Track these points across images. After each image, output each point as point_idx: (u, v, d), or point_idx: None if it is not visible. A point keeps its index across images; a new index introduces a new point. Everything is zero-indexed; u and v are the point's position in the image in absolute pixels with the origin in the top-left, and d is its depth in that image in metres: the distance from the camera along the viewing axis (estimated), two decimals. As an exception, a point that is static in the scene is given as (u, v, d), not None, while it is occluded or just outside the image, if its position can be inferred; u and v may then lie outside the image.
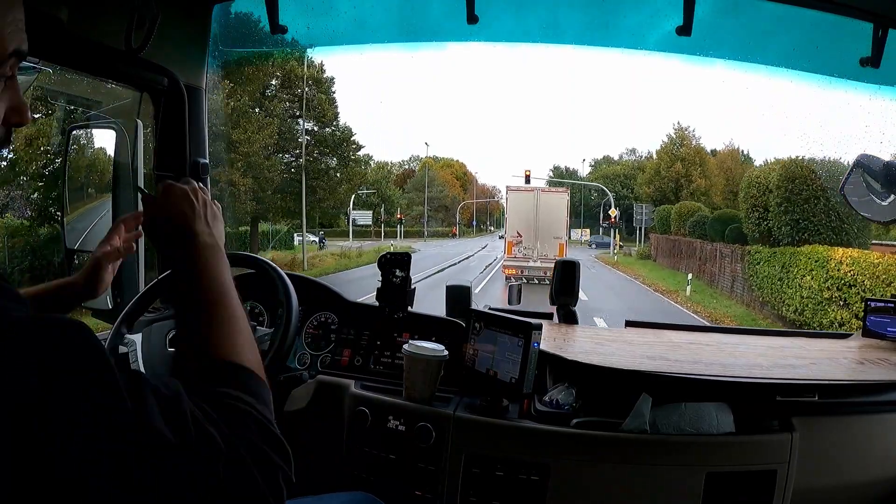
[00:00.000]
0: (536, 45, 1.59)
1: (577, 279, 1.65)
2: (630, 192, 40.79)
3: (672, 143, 37.28)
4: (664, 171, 35.81)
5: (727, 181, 32.53)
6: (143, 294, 1.27)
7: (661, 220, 23.87)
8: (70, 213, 1.63)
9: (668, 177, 35.35)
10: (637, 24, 1.51)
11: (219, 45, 1.65)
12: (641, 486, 1.12)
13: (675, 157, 35.88)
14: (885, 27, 1.27)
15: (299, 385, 1.28)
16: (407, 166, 50.63)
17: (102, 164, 1.59)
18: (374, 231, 37.03)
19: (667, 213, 23.25)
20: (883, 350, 1.45)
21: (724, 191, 31.81)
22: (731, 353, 1.38)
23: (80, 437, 0.42)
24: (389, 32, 1.64)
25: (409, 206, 45.84)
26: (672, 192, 34.56)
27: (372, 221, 35.70)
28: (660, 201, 31.56)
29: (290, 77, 20.01)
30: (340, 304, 1.48)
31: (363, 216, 34.75)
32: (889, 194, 1.31)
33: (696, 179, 34.56)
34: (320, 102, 20.72)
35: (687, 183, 34.70)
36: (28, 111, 0.56)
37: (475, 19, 1.37)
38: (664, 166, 36.10)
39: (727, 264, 14.14)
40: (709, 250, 15.97)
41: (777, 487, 1.12)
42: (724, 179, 33.24)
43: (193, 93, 1.56)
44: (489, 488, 1.14)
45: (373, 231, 37.64)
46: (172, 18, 1.45)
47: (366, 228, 37.40)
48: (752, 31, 1.49)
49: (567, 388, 1.20)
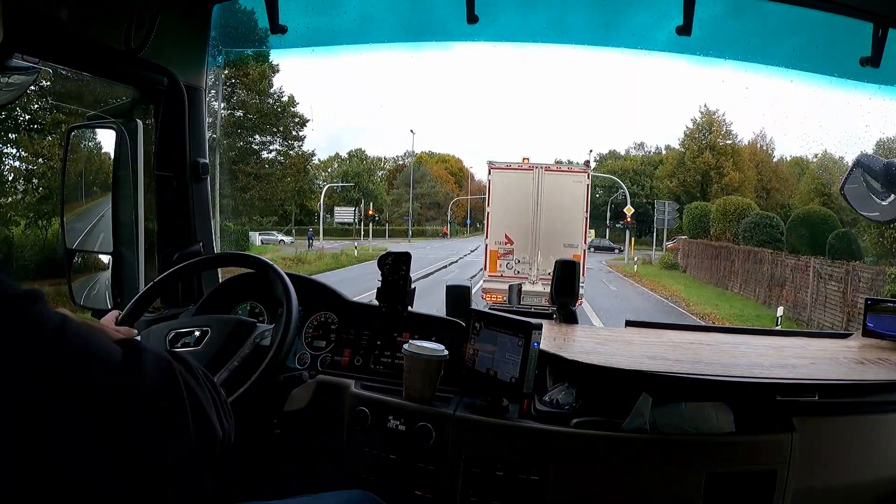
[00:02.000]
0: (540, 44, 1.59)
1: (577, 279, 1.64)
2: (641, 188, 35.44)
3: (698, 129, 31.36)
4: (689, 162, 30.27)
5: (759, 176, 28.29)
6: (143, 294, 1.27)
7: (692, 221, 19.16)
8: (69, 212, 1.63)
9: (695, 168, 29.90)
10: (639, 24, 1.52)
11: (219, 45, 1.65)
12: (642, 486, 1.11)
13: (702, 145, 30.45)
14: (885, 27, 1.28)
15: (299, 385, 1.28)
16: (401, 161, 46.35)
17: (105, 163, 1.59)
18: (356, 230, 32.53)
19: (701, 211, 18.84)
20: (883, 350, 1.45)
21: (756, 187, 27.65)
22: (731, 353, 1.38)
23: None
24: (390, 32, 1.64)
25: (397, 203, 42.25)
26: (698, 186, 29.67)
27: (353, 219, 31.97)
28: (683, 197, 27.36)
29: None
30: (340, 304, 1.48)
31: (346, 213, 32.04)
32: (889, 194, 1.31)
33: (728, 172, 29.08)
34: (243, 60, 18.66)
35: (717, 176, 29.52)
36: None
37: (475, 19, 1.37)
38: (689, 156, 30.44)
39: (835, 289, 8.28)
40: (792, 265, 10.20)
41: (777, 487, 1.12)
42: (756, 174, 28.97)
43: (193, 93, 1.56)
44: (489, 488, 1.14)
45: (354, 230, 33.26)
46: (172, 18, 1.45)
47: (348, 227, 34.13)
48: (753, 31, 1.49)
49: (567, 388, 1.20)
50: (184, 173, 1.59)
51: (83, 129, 1.69)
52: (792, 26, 1.43)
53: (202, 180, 1.64)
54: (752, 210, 15.23)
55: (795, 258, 10.36)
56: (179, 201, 1.61)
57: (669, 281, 15.85)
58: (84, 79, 1.46)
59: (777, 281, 10.62)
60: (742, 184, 28.21)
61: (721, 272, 14.19)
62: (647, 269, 20.36)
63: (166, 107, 1.53)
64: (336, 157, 43.39)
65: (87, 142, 1.71)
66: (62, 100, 6.30)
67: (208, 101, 1.59)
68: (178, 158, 1.58)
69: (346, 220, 32.80)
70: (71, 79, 1.59)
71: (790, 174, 29.54)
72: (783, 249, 10.98)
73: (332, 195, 36.46)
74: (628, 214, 21.58)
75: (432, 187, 45.04)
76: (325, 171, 40.86)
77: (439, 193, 44.86)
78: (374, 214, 32.32)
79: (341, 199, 36.02)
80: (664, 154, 36.31)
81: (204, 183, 1.65)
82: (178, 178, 1.59)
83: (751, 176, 28.71)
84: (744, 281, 12.18)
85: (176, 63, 1.50)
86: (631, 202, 22.26)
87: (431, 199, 44.79)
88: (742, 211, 15.39)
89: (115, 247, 1.49)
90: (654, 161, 37.97)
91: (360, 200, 35.19)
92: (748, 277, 11.97)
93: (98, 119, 1.64)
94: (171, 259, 1.58)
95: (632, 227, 23.18)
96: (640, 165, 38.63)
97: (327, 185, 34.75)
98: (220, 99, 16.62)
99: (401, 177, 43.70)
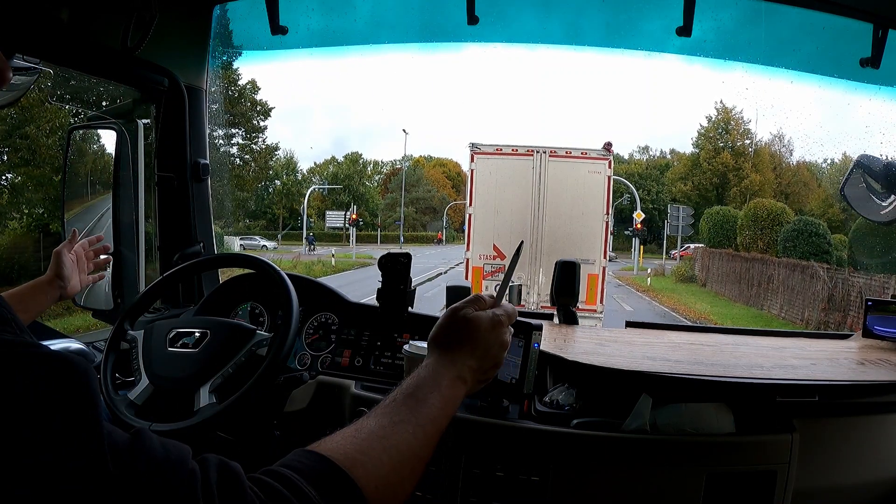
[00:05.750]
0: (545, 47, 1.59)
1: (577, 279, 1.64)
2: (647, 193, 33.30)
3: (714, 127, 28.71)
4: (705, 164, 27.76)
5: (777, 179, 26.10)
6: (145, 293, 1.27)
7: (713, 227, 16.80)
8: (70, 212, 1.63)
9: (712, 170, 27.45)
10: (645, 27, 1.52)
11: (219, 45, 1.65)
12: (641, 487, 1.11)
13: (719, 146, 27.85)
14: (885, 27, 1.28)
15: (299, 386, 1.28)
16: (399, 165, 45.12)
17: (105, 163, 1.59)
18: (347, 235, 31.43)
19: (723, 216, 16.57)
20: (883, 350, 1.45)
21: (775, 190, 25.37)
22: (731, 354, 1.38)
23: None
24: (392, 33, 1.64)
25: (391, 208, 41.42)
26: (714, 190, 27.44)
27: (343, 224, 30.91)
28: (697, 202, 25.15)
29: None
30: (341, 305, 1.48)
31: (337, 217, 31.24)
32: (889, 195, 1.31)
33: (748, 174, 26.77)
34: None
35: (736, 179, 27.06)
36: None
37: (475, 20, 1.38)
38: (705, 157, 27.91)
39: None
40: (861, 286, 7.37)
41: (777, 488, 1.11)
42: (775, 176, 26.84)
43: (194, 93, 1.57)
44: (489, 488, 1.13)
45: (344, 235, 32.59)
46: (173, 19, 1.45)
47: (338, 231, 33.44)
48: (758, 35, 1.49)
49: (567, 389, 1.20)
50: (184, 173, 1.59)
51: (84, 130, 1.70)
52: (793, 28, 1.44)
53: (202, 180, 1.64)
54: (787, 216, 12.95)
55: (867, 276, 7.68)
56: (180, 201, 1.61)
57: (690, 298, 13.23)
58: (83, 78, 1.46)
59: (837, 304, 7.90)
60: (762, 187, 26.11)
61: (753, 288, 11.46)
62: (661, 281, 17.76)
63: (167, 107, 1.53)
64: (332, 160, 43.09)
65: (89, 143, 1.71)
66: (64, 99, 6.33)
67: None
68: (179, 159, 1.58)
69: (336, 224, 32.08)
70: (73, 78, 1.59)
71: (811, 177, 27.78)
72: (831, 263, 8.80)
73: (324, 199, 35.91)
74: (637, 220, 18.98)
75: (428, 191, 44.16)
76: (320, 175, 40.46)
77: (435, 198, 44.06)
78: (359, 219, 30.52)
79: (332, 203, 35.48)
80: (669, 158, 35.07)
81: (204, 183, 1.66)
82: (178, 178, 1.59)
83: (770, 178, 26.83)
84: (787, 301, 9.37)
85: (176, 63, 1.50)
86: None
87: (427, 203, 43.98)
88: (776, 216, 13.07)
89: (115, 247, 1.49)
90: (660, 165, 36.88)
91: (349, 204, 34.50)
92: (793, 297, 9.21)
93: (99, 119, 1.64)
94: (172, 259, 1.58)
95: (641, 235, 20.62)
96: (645, 169, 37.37)
97: (311, 188, 34.02)
98: (220, 100, 16.35)
99: (395, 180, 42.49)
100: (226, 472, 0.47)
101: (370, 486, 0.54)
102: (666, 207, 25.65)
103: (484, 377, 0.78)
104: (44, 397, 0.39)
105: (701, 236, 18.32)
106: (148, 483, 0.42)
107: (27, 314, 1.16)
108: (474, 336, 0.75)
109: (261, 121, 20.08)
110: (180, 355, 1.12)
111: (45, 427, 0.39)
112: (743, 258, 12.78)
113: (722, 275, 14.04)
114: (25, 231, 11.19)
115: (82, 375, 0.42)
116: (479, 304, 0.79)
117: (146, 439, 0.45)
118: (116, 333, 1.19)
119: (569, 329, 1.59)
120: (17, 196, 11.79)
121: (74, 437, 0.40)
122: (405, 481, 0.59)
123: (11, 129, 11.58)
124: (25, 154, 11.40)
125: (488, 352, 0.76)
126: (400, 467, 0.59)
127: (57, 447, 0.39)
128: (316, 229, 33.28)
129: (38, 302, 1.20)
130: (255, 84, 19.93)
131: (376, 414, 0.63)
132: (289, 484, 0.50)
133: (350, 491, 0.53)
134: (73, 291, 1.26)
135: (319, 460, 0.54)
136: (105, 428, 0.42)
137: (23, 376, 0.39)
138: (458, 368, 0.72)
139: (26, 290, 1.19)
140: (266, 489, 0.49)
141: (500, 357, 0.79)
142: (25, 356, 0.41)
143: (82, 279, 1.29)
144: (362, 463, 0.55)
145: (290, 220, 32.79)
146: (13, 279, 8.26)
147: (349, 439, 0.58)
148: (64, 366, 0.41)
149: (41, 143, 11.18)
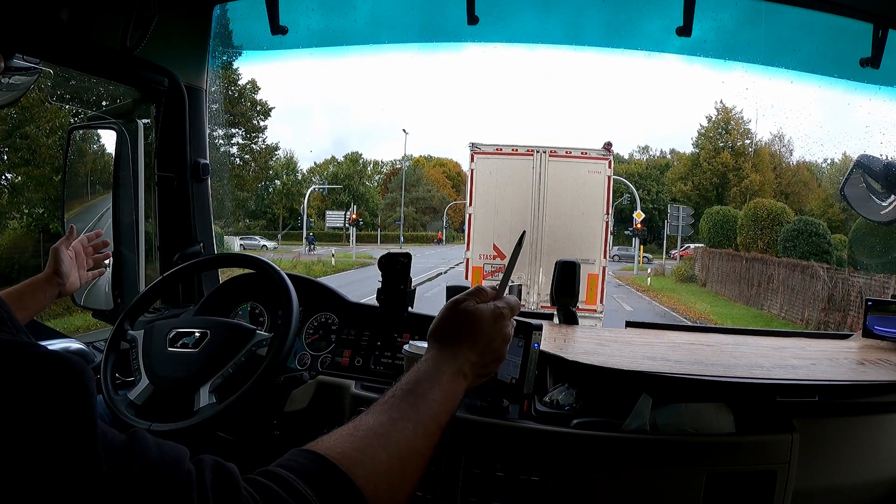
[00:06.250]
0: (546, 47, 1.59)
1: (577, 279, 1.64)
2: (647, 193, 33.30)
3: (714, 127, 28.69)
4: (705, 164, 27.74)
5: (777, 179, 26.07)
6: (145, 293, 1.27)
7: (713, 227, 16.83)
8: (69, 211, 1.63)
9: (712, 170, 27.47)
10: (645, 27, 1.51)
11: (219, 45, 1.65)
12: (641, 487, 1.11)
13: (719, 146, 27.88)
14: (885, 27, 1.28)
15: (299, 386, 1.28)
16: (398, 165, 44.87)
17: (106, 163, 1.60)
18: (347, 235, 31.27)
19: (723, 216, 16.68)
20: (883, 350, 1.45)
21: (775, 190, 25.35)
22: (731, 354, 1.38)
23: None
24: (390, 32, 1.64)
25: (391, 208, 41.21)
26: (714, 189, 27.50)
27: (343, 223, 30.80)
28: (697, 202, 25.18)
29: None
30: (341, 305, 1.48)
31: (337, 217, 31.17)
32: (889, 195, 1.31)
33: (749, 174, 26.80)
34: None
35: (736, 179, 27.10)
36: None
37: (475, 20, 1.38)
38: (705, 157, 27.91)
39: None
40: (861, 286, 7.42)
41: (777, 488, 1.11)
42: (774, 176, 26.82)
43: (194, 93, 1.57)
44: (489, 488, 1.13)
45: (344, 235, 32.41)
46: (172, 19, 1.45)
47: (338, 231, 33.22)
48: (758, 35, 1.49)
49: (567, 389, 1.20)
50: (184, 173, 1.59)
51: (84, 130, 1.70)
52: (793, 28, 1.44)
53: (202, 180, 1.64)
54: (787, 216, 13.00)
55: (867, 276, 7.69)
56: (180, 201, 1.61)
57: (690, 297, 13.38)
58: (83, 78, 1.46)
59: (837, 304, 7.88)
60: (762, 186, 26.11)
61: (753, 288, 11.52)
62: (661, 281, 17.79)
63: (167, 107, 1.53)
64: (332, 160, 43.03)
65: (89, 143, 1.71)
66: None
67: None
68: (179, 159, 1.58)
69: (336, 224, 32.02)
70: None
71: (811, 177, 27.81)
72: (831, 262, 8.83)
73: (324, 199, 35.84)
74: (638, 220, 18.93)
75: (428, 191, 44.07)
76: (320, 175, 40.41)
77: (435, 198, 43.97)
78: (359, 219, 30.58)
79: (332, 203, 35.40)
80: (669, 158, 35.06)
81: (204, 183, 1.66)
82: (178, 178, 1.59)
83: (770, 178, 26.85)
84: (787, 301, 9.40)
85: (176, 63, 1.50)
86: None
87: (427, 203, 43.86)
88: (776, 216, 13.09)
89: (115, 247, 1.49)
90: (660, 165, 36.78)
91: (349, 204, 34.49)
92: (793, 296, 9.22)
93: (99, 119, 1.64)
94: (172, 259, 1.58)
95: (641, 234, 20.62)
96: (645, 169, 37.28)
97: (311, 188, 33.97)
98: (220, 100, 16.24)
99: (395, 180, 42.49)
100: (221, 473, 0.47)
101: (369, 486, 0.54)
102: (666, 207, 25.73)
103: (485, 371, 0.76)
104: (43, 397, 0.39)
105: (701, 236, 18.51)
106: (143, 484, 0.42)
107: (26, 312, 1.16)
108: (476, 329, 0.74)
109: (261, 121, 20.28)
110: (180, 355, 1.12)
111: (44, 427, 0.39)
112: (743, 258, 12.88)
113: (722, 275, 14.16)
114: (25, 231, 11.21)
115: (79, 375, 0.42)
116: (481, 297, 0.78)
117: (142, 440, 0.44)
118: (116, 333, 1.19)
119: (569, 329, 1.59)
120: (17, 196, 11.81)
121: (74, 437, 0.40)
122: (406, 480, 0.59)
123: (11, 129, 11.60)
124: (25, 154, 11.43)
125: (490, 345, 0.75)
126: (400, 465, 0.58)
127: (57, 447, 0.39)
128: (316, 229, 33.30)
129: (37, 300, 1.19)
130: (255, 84, 20.13)
131: (375, 411, 0.63)
132: (285, 484, 0.50)
133: (348, 490, 0.53)
134: (73, 288, 1.26)
135: (316, 459, 0.54)
136: (100, 428, 0.42)
137: (21, 376, 0.39)
138: (458, 363, 0.71)
139: (24, 289, 1.19)
140: (262, 490, 0.48)
141: (503, 351, 0.78)
142: (23, 356, 0.41)
143: (81, 275, 1.28)
144: (361, 462, 0.55)
145: (290, 220, 32.78)
146: (13, 279, 8.27)
147: (347, 437, 0.58)
148: (61, 365, 0.41)
149: (41, 143, 11.21)
